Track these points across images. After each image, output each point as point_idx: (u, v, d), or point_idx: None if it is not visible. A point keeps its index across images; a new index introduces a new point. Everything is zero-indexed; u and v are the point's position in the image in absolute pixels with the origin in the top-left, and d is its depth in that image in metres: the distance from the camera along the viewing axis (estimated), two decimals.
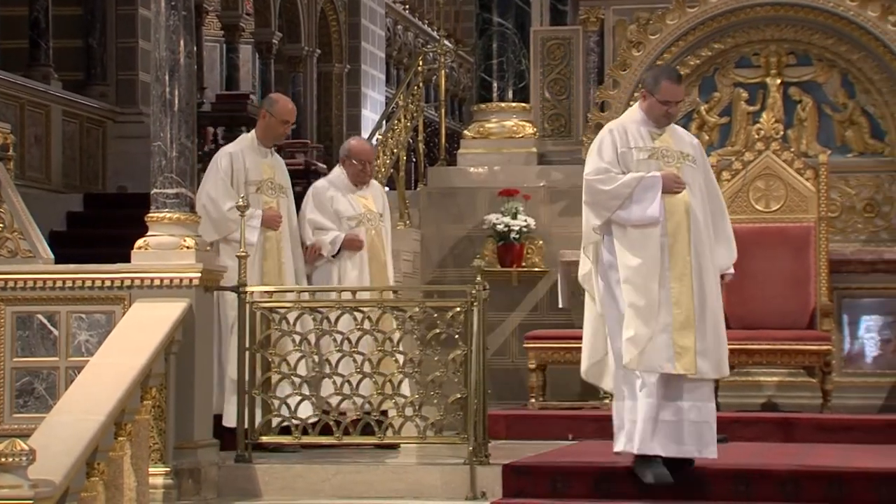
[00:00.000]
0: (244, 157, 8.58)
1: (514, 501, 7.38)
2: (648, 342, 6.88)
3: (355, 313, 7.80)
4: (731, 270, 7.36)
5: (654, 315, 6.90)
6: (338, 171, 9.03)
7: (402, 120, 11.70)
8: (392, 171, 11.50)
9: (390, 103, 12.47)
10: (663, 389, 6.98)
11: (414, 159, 13.01)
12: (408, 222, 11.56)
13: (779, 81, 10.84)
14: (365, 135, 17.19)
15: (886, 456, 8.07)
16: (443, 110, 12.97)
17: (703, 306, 7.02)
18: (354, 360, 7.79)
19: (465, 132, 11.86)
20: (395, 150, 11.51)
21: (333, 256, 8.80)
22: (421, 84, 12.22)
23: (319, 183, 9.10)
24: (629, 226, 6.98)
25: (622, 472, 7.52)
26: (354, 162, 8.91)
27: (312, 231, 8.84)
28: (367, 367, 7.79)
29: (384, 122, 12.01)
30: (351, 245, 8.78)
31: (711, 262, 7.13)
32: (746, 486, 7.30)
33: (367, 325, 7.78)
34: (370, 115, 21.02)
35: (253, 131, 8.77)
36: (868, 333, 10.37)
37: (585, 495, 7.39)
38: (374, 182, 9.16)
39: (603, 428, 8.76)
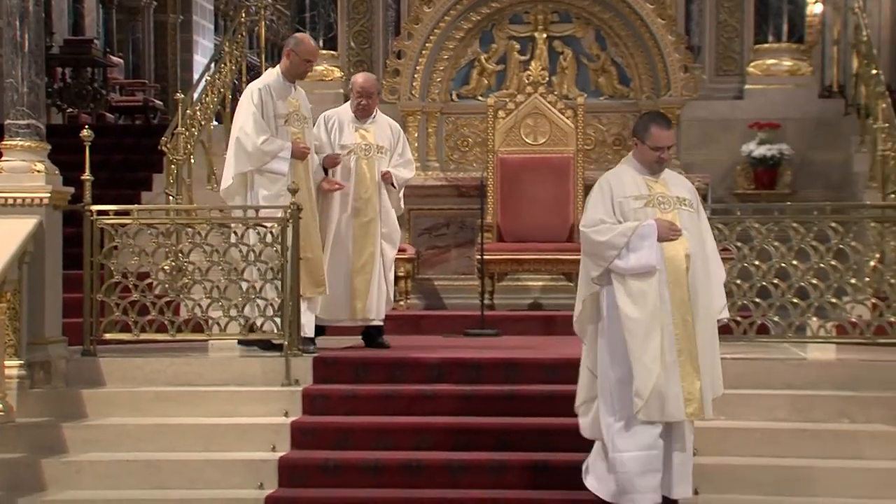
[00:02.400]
0: (272, 92, 7.97)
1: (323, 387, 7.40)
2: (654, 391, 5.87)
3: (187, 229, 7.69)
4: (726, 314, 6.25)
5: (658, 365, 5.88)
6: (347, 104, 8.53)
7: (228, 64, 11.50)
8: (219, 107, 11.31)
9: (218, 49, 12.20)
10: (672, 435, 6.02)
11: (239, 97, 12.78)
12: None
13: (545, 35, 10.92)
14: (195, 76, 16.88)
15: None
16: (263, 56, 12.78)
17: (699, 349, 5.99)
18: (186, 269, 7.69)
19: None
20: (221, 90, 11.31)
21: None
22: (244, 33, 12.01)
23: (328, 112, 8.55)
24: (628, 275, 5.96)
25: (412, 362, 7.60)
26: (355, 95, 8.41)
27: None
28: (196, 275, 7.70)
29: (212, 65, 11.76)
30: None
31: (709, 305, 6.05)
32: (516, 372, 7.44)
33: (197, 239, 7.68)
34: (201, 60, 20.57)
35: (278, 67, 8.12)
36: None
37: (382, 381, 7.44)
38: (383, 117, 8.56)
39: (398, 326, 8.85)
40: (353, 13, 11.38)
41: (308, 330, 7.89)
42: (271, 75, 8.13)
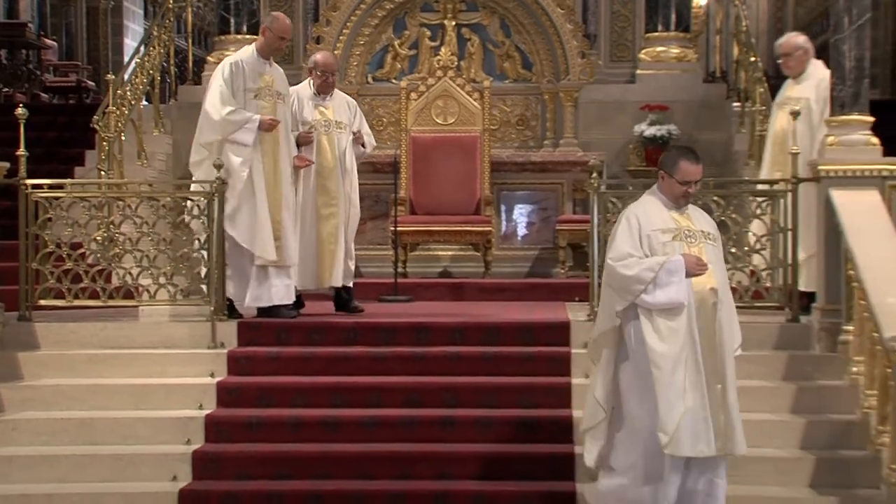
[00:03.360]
0: (244, 66, 7.76)
1: (247, 349, 7.39)
2: (679, 425, 5.44)
3: (118, 202, 7.60)
4: (739, 351, 5.82)
5: (681, 399, 5.45)
6: (306, 83, 8.38)
7: (157, 47, 11.33)
8: (149, 88, 11.15)
9: (147, 33, 12.02)
10: (688, 466, 5.61)
11: (168, 80, 12.63)
12: (162, 130, 11.26)
13: (454, 23, 10.91)
14: (126, 58, 16.59)
15: (530, 310, 8.38)
16: (190, 40, 12.58)
17: (727, 383, 5.59)
18: (117, 240, 7.61)
19: (209, 58, 11.55)
20: (151, 72, 11.13)
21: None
22: (172, 18, 11.84)
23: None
24: (655, 312, 5.52)
25: (329, 326, 7.61)
26: (319, 73, 8.25)
27: None
28: (127, 245, 7.62)
29: (142, 48, 11.59)
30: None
31: (732, 338, 5.68)
32: (426, 335, 7.48)
33: (128, 211, 7.59)
34: (131, 44, 20.22)
35: (254, 44, 7.95)
36: (519, 217, 10.66)
37: (302, 344, 7.45)
38: (341, 95, 8.46)
39: (318, 293, 8.82)
40: (274, 0, 11.27)
41: (278, 299, 7.69)
42: (246, 51, 7.97)
